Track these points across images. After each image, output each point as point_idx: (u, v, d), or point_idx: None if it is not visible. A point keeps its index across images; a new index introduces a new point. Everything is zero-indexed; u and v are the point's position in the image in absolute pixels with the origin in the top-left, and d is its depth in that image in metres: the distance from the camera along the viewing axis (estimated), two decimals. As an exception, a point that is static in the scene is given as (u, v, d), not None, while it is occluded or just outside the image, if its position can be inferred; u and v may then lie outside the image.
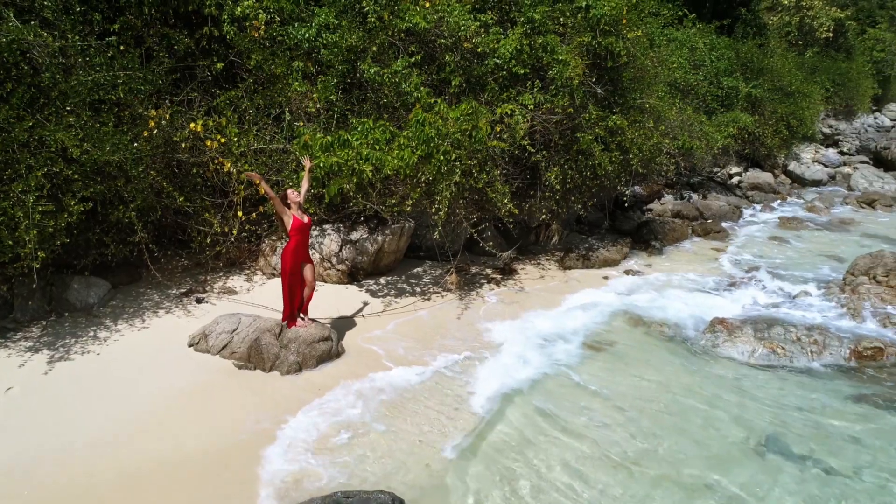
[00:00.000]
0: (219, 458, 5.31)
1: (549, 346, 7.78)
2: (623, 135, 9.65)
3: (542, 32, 9.08)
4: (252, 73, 8.82)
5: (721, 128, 13.97)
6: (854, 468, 5.59)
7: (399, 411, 6.17)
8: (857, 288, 9.24)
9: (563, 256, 10.77)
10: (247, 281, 9.05)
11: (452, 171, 8.04)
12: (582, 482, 5.25)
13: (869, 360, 7.53)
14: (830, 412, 6.52)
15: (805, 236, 13.23)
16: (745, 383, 7.10)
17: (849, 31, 26.08)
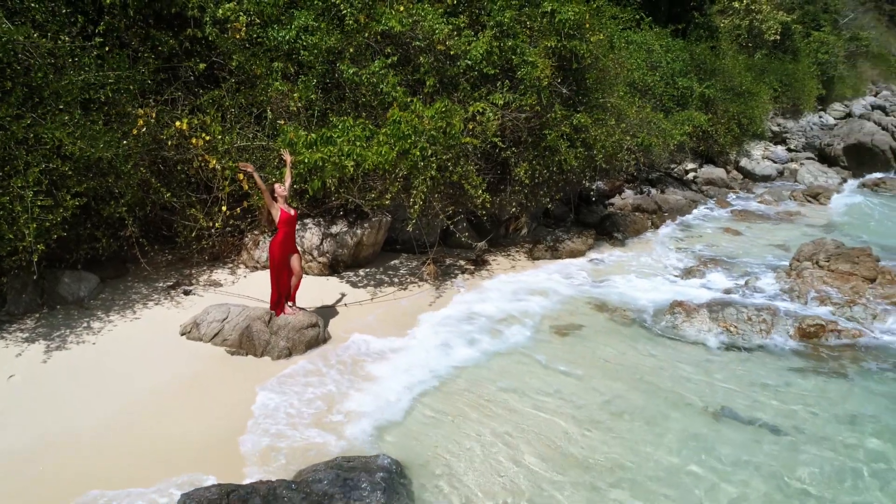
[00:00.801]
0: (216, 432, 5.71)
1: (519, 326, 8.35)
2: (587, 132, 10.26)
3: (510, 35, 9.62)
4: (234, 74, 9.14)
5: (677, 126, 14.73)
6: (797, 428, 6.27)
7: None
8: (802, 273, 10.03)
9: (532, 248, 11.35)
10: (231, 274, 9.36)
11: (428, 166, 8.52)
12: (548, 435, 5.82)
13: (812, 337, 8.27)
14: (777, 382, 7.21)
15: (755, 227, 14.10)
16: (702, 360, 7.76)
17: (795, 34, 27.30)
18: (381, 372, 7.01)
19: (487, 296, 9.33)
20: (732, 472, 5.52)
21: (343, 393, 6.50)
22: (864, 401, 6.81)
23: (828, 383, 7.21)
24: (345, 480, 4.78)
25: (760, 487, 5.33)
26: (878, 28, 55.03)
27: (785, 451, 5.86)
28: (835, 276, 9.78)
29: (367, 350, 7.49)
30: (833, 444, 5.95)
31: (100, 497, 4.77)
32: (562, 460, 5.60)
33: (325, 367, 7.00)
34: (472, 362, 7.40)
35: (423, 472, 5.32)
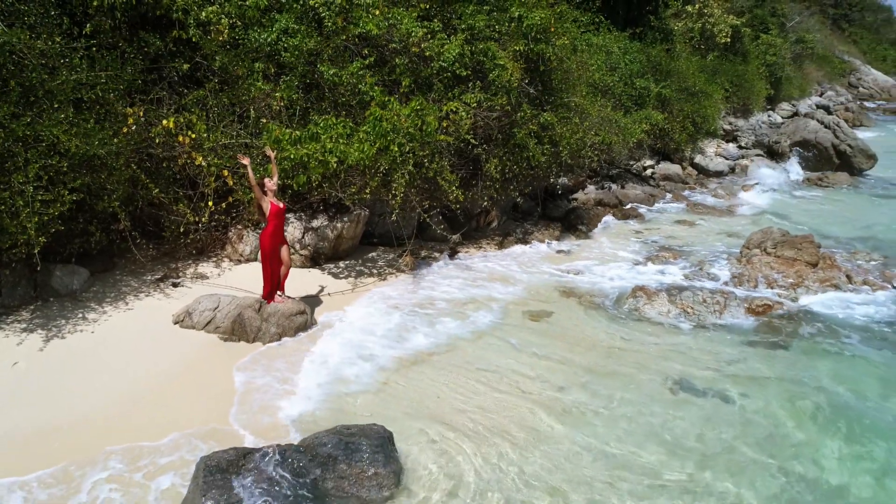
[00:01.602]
0: (217, 405, 6.17)
1: (486, 312, 8.95)
2: (553, 130, 10.92)
3: (481, 39, 10.20)
4: (216, 74, 9.49)
5: (636, 124, 15.55)
6: (746, 395, 6.99)
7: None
8: (751, 259, 10.86)
9: (502, 240, 11.95)
10: (216, 267, 9.70)
11: (406, 162, 9.04)
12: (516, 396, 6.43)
13: (760, 315, 9.07)
14: (729, 356, 7.95)
15: (709, 219, 15.00)
16: (662, 338, 8.45)
17: (745, 37, 28.57)
18: (363, 351, 7.53)
19: (463, 283, 9.89)
20: (688, 437, 6.17)
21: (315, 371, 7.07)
22: (803, 369, 7.59)
23: (774, 353, 7.98)
24: (346, 444, 5.27)
25: (714, 449, 6.00)
26: (823, 31, 57.53)
27: (735, 416, 6.56)
28: (781, 261, 10.62)
29: (351, 333, 7.98)
30: (777, 407, 6.69)
31: (114, 451, 5.19)
32: (533, 430, 6.19)
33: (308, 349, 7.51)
34: (447, 340, 7.96)
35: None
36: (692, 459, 5.80)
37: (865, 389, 7.14)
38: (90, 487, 4.93)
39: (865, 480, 5.58)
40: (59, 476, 5.06)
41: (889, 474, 5.65)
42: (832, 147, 20.94)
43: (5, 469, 5.09)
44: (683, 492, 5.36)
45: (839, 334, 8.56)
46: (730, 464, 5.75)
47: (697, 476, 5.56)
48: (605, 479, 5.48)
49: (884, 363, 7.80)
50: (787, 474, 5.61)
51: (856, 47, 69.02)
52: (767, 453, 5.91)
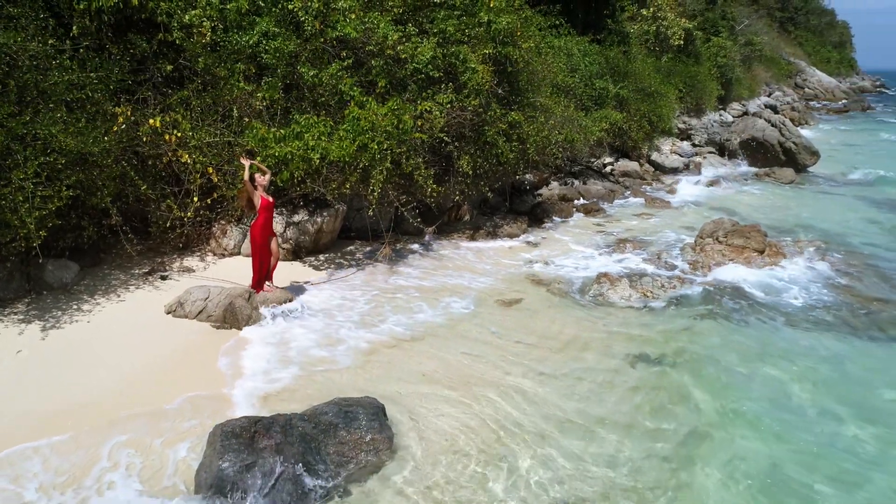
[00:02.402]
0: (211, 378, 6.63)
1: (463, 299, 9.55)
2: (520, 128, 11.58)
3: (452, 43, 10.79)
4: (199, 75, 9.86)
5: (596, 123, 16.36)
6: (695, 362, 7.75)
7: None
8: (705, 247, 11.71)
9: (474, 233, 12.57)
10: (200, 261, 10.06)
11: (384, 159, 9.58)
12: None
13: (713, 297, 9.87)
14: (685, 334, 8.70)
15: (665, 212, 15.90)
16: (624, 319, 9.17)
17: (697, 40, 29.85)
18: (346, 334, 8.05)
19: (438, 273, 10.47)
20: (644, 402, 6.88)
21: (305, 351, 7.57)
22: (749, 344, 8.39)
23: (721, 328, 8.78)
24: (346, 413, 5.80)
25: (673, 414, 6.73)
26: (770, 34, 59.81)
27: (679, 381, 7.32)
28: (731, 249, 11.49)
29: (336, 319, 8.48)
30: (726, 379, 7.46)
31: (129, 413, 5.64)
32: (512, 396, 6.81)
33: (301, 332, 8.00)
34: (424, 325, 8.52)
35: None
36: (643, 418, 6.50)
37: (799, 369, 7.93)
38: (109, 452, 5.36)
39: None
40: (80, 440, 5.48)
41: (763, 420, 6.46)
42: (778, 144, 22.18)
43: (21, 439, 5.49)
44: (625, 435, 6.07)
45: (782, 315, 9.40)
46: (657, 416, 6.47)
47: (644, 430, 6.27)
48: (573, 431, 6.13)
49: (812, 344, 8.60)
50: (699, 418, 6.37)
51: (801, 49, 71.80)
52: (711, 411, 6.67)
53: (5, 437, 5.53)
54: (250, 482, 5.02)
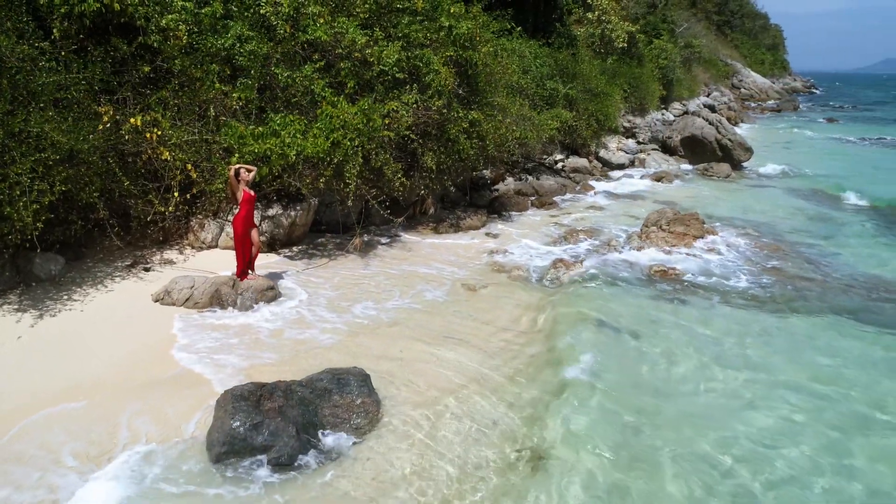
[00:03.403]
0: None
1: (434, 284, 10.31)
2: (480, 126, 12.41)
3: (416, 46, 11.53)
4: (177, 76, 10.32)
5: (547, 121, 17.35)
6: (651, 332, 8.70)
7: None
8: (650, 234, 12.78)
9: (437, 225, 13.34)
10: (179, 254, 10.52)
11: (356, 154, 10.26)
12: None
13: (658, 277, 10.91)
14: (635, 308, 9.67)
15: (614, 204, 17.01)
16: (580, 296, 10.09)
17: (639, 42, 31.35)
18: (327, 317, 8.71)
19: (407, 263, 11.20)
20: (606, 365, 7.80)
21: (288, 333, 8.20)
22: (688, 315, 9.42)
23: (668, 305, 9.79)
24: (338, 380, 6.48)
25: (612, 379, 7.65)
26: (708, 36, 62.49)
27: (638, 348, 8.27)
28: (673, 235, 12.59)
29: (316, 305, 9.12)
30: (670, 346, 8.44)
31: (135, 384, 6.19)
32: (478, 368, 7.62)
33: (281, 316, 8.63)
34: (397, 310, 9.24)
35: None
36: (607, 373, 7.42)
37: (724, 328, 9.00)
38: (125, 419, 5.92)
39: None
40: (94, 410, 6.02)
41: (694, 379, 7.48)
42: (716, 142, 23.69)
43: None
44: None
45: (717, 292, 10.48)
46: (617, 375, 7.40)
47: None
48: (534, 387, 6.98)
49: (740, 315, 9.70)
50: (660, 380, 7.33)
51: (737, 52, 75.04)
52: (653, 368, 7.62)
53: (23, 409, 6.02)
54: (258, 439, 5.66)
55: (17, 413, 6.01)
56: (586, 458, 5.92)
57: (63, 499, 4.97)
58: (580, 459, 5.90)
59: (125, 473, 5.29)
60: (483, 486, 5.53)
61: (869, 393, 7.31)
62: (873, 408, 7.00)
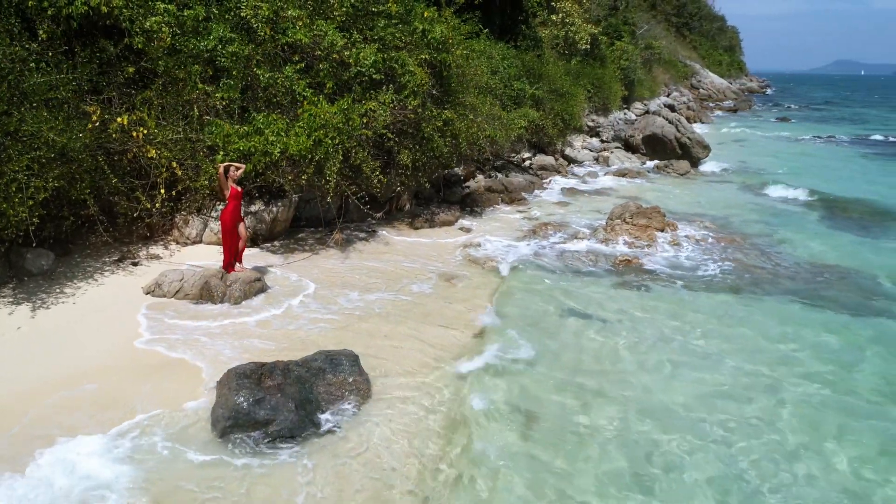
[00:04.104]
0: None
1: (412, 276, 10.85)
2: (453, 125, 12.97)
3: (391, 48, 12.03)
4: (161, 77, 10.64)
5: (516, 121, 18.01)
6: (616, 316, 9.37)
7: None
8: (614, 227, 13.51)
9: (413, 221, 13.86)
10: (165, 249, 10.84)
11: (337, 152, 10.72)
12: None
13: (623, 266, 11.62)
14: (601, 294, 10.35)
15: (580, 200, 17.77)
16: (551, 285, 10.73)
17: (602, 44, 32.32)
18: (316, 307, 9.17)
19: (386, 256, 11.70)
20: (573, 344, 8.44)
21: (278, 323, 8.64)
22: (651, 302, 10.14)
23: (631, 292, 10.50)
24: (331, 360, 6.98)
25: (588, 348, 8.29)
26: (668, 38, 64.20)
27: (603, 328, 8.94)
28: (636, 228, 13.34)
29: (301, 296, 9.58)
30: (635, 328, 9.13)
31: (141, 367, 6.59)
32: (457, 343, 8.20)
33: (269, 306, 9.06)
34: (378, 300, 9.76)
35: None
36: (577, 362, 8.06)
37: (688, 319, 9.73)
38: (141, 406, 6.33)
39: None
40: (113, 388, 6.41)
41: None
42: (675, 140, 24.68)
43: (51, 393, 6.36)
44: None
45: (678, 280, 11.23)
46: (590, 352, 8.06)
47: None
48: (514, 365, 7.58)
49: (699, 301, 10.48)
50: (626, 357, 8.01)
51: (696, 53, 77.14)
52: (625, 347, 8.30)
53: (38, 391, 6.39)
54: (261, 413, 6.13)
55: (32, 395, 6.37)
56: (505, 426, 6.57)
57: (86, 469, 5.38)
58: (498, 428, 6.53)
59: (141, 448, 5.71)
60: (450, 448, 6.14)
61: (812, 367, 8.12)
62: (814, 380, 7.80)
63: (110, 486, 5.22)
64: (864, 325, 9.51)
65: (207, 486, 5.33)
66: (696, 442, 6.40)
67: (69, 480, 5.24)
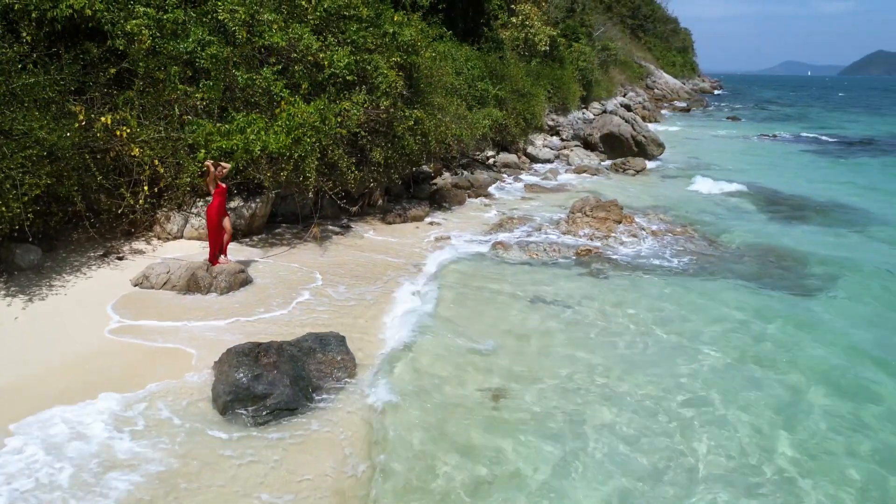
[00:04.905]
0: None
1: (390, 266, 11.45)
2: (423, 124, 13.62)
3: (363, 51, 12.62)
4: (141, 78, 11.01)
5: (480, 120, 18.75)
6: (577, 302, 10.15)
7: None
8: (576, 220, 14.34)
9: (385, 216, 14.45)
10: (147, 244, 11.20)
11: (314, 150, 11.27)
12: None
13: (584, 256, 12.44)
14: (565, 283, 11.13)
15: (542, 195, 18.61)
16: (518, 275, 11.47)
17: (560, 46, 33.39)
18: (303, 298, 9.71)
19: (362, 250, 12.28)
20: (544, 334, 9.18)
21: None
22: (611, 288, 10.97)
23: (593, 280, 11.32)
24: (321, 341, 7.56)
25: (552, 341, 9.05)
26: (623, 39, 65.96)
27: (571, 317, 9.71)
28: (596, 220, 14.20)
29: (285, 286, 10.10)
30: (597, 313, 9.92)
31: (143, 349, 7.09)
32: (433, 331, 8.86)
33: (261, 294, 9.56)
34: (359, 291, 10.35)
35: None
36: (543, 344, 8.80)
37: (645, 302, 10.59)
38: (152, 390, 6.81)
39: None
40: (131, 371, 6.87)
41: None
42: (631, 138, 25.80)
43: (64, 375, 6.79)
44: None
45: (636, 268, 12.11)
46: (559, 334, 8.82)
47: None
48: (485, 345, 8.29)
49: (656, 286, 11.36)
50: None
51: (650, 54, 79.31)
52: (584, 328, 9.08)
53: (55, 373, 6.85)
54: (259, 388, 6.66)
55: (47, 375, 6.81)
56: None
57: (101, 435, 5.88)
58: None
59: (152, 421, 6.22)
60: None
61: (759, 343, 9.04)
62: (759, 355, 8.71)
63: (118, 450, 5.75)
64: (795, 303, 10.53)
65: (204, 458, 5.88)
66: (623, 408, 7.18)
67: (82, 446, 5.74)
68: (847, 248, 13.91)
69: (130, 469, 5.54)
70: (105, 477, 5.42)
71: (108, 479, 5.39)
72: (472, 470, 5.93)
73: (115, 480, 5.38)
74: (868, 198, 19.88)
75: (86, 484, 5.32)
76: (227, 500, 5.31)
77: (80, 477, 5.39)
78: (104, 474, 5.45)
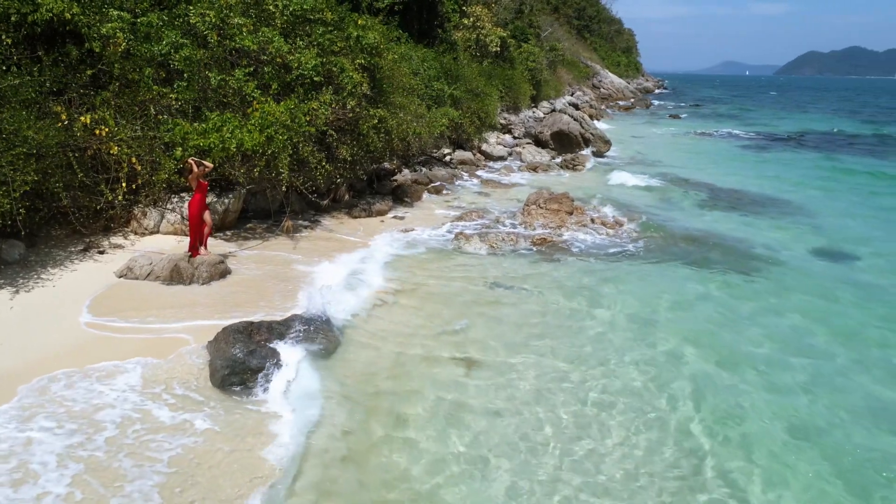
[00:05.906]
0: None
1: (360, 257, 12.21)
2: (386, 123, 14.38)
3: (329, 53, 13.30)
4: (117, 79, 11.45)
5: (437, 119, 19.61)
6: (537, 289, 11.11)
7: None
8: (530, 212, 15.34)
9: (351, 210, 15.15)
10: (125, 239, 11.64)
11: (287, 147, 11.91)
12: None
13: (540, 245, 13.43)
14: (523, 269, 12.09)
15: (498, 190, 19.59)
16: (480, 263, 12.37)
17: (510, 47, 34.55)
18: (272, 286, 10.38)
19: (332, 243, 12.98)
20: (505, 313, 10.10)
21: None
22: (564, 273, 11.98)
23: (548, 266, 12.32)
24: (308, 321, 8.28)
25: (512, 319, 9.99)
26: (570, 40, 67.83)
27: (529, 301, 10.66)
28: (549, 212, 15.23)
29: (270, 280, 10.74)
30: (552, 295, 10.90)
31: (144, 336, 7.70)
32: (412, 323, 9.67)
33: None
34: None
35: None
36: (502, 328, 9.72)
37: (595, 285, 11.65)
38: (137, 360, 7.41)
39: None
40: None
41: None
42: (580, 135, 27.09)
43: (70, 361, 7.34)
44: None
45: (586, 255, 13.17)
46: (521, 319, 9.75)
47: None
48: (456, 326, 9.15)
49: (605, 270, 12.45)
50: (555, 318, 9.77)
51: (596, 54, 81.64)
52: (544, 312, 10.04)
53: (56, 358, 7.36)
54: (253, 362, 7.36)
55: (55, 359, 7.33)
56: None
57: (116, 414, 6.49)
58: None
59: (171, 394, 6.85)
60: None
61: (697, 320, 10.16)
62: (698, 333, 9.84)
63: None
64: (734, 280, 11.76)
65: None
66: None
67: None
68: (773, 236, 15.35)
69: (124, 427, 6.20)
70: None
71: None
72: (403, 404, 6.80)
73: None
74: (795, 192, 21.67)
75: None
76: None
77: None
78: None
